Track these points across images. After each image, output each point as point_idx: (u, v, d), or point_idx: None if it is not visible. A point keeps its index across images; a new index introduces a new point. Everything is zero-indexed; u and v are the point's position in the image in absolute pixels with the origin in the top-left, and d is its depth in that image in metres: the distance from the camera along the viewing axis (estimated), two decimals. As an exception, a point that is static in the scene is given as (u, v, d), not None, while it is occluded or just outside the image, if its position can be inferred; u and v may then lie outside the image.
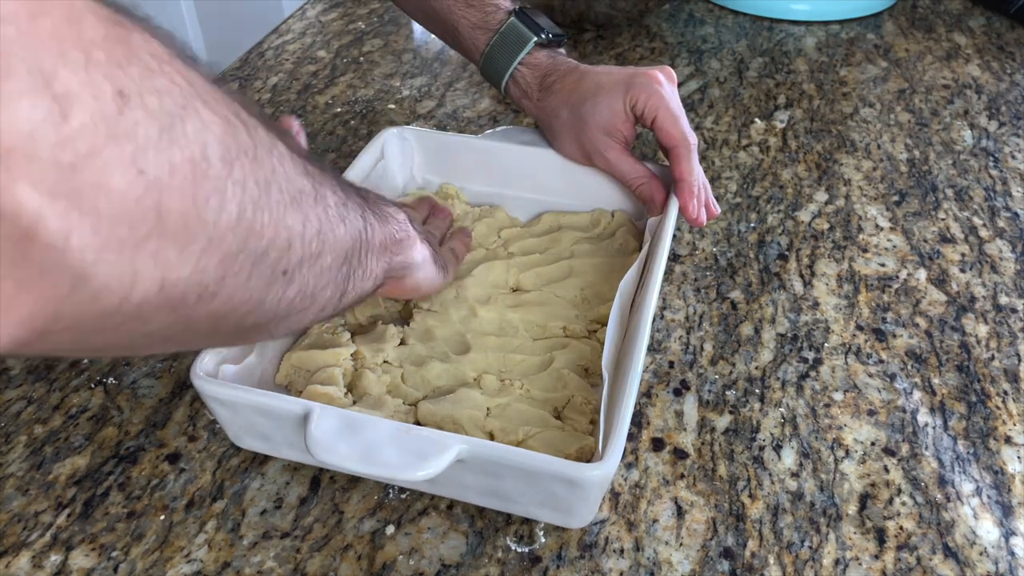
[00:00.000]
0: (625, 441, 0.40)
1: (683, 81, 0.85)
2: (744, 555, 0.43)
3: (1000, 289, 0.59)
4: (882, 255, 0.62)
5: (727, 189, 0.69)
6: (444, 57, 0.90)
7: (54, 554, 0.43)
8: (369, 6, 1.01)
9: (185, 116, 0.24)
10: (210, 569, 0.42)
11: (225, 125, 0.26)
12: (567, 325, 0.53)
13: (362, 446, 0.39)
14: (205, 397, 0.43)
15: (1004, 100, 0.82)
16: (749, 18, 0.97)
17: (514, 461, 0.39)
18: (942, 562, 0.43)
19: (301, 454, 0.45)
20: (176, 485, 0.46)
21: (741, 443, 0.48)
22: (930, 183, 0.70)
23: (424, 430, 0.40)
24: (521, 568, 0.42)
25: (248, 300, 0.29)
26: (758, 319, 0.57)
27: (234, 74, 0.87)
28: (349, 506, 0.45)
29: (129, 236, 0.23)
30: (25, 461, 0.47)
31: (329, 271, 0.34)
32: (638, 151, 0.73)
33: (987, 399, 0.51)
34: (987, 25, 0.96)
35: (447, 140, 0.64)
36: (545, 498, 0.41)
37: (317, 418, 0.40)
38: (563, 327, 0.52)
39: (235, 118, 0.27)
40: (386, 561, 0.43)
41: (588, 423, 0.46)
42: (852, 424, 0.50)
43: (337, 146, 0.74)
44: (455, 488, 0.43)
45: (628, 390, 0.42)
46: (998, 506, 0.45)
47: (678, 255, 0.62)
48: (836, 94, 0.83)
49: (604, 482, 0.40)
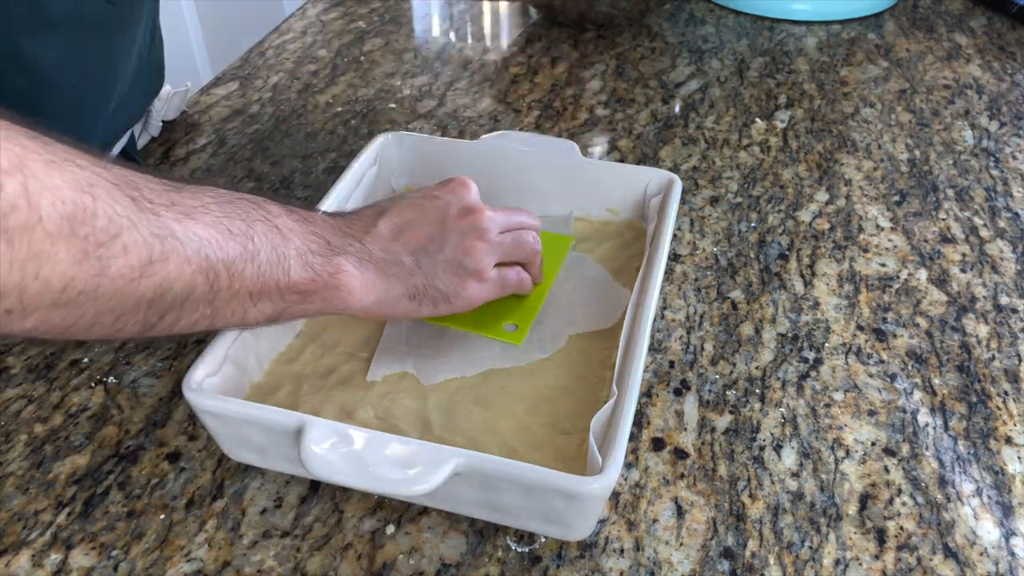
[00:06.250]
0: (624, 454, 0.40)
1: (684, 81, 0.85)
2: (744, 555, 0.43)
3: (1001, 289, 0.59)
4: (883, 255, 0.62)
5: (728, 189, 0.69)
6: (445, 56, 0.90)
7: (54, 553, 0.43)
8: (370, 5, 1.01)
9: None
10: (210, 568, 0.42)
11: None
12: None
13: (358, 460, 0.39)
14: (198, 410, 0.43)
15: (1005, 100, 0.82)
16: (750, 18, 0.97)
17: (512, 475, 0.39)
18: (942, 562, 0.43)
19: (296, 467, 0.44)
20: (176, 484, 0.46)
21: (741, 443, 0.48)
22: (931, 183, 0.70)
23: (421, 443, 0.40)
24: (521, 568, 0.42)
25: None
26: (758, 319, 0.57)
27: (234, 73, 0.87)
28: (349, 505, 0.45)
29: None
30: (25, 460, 0.47)
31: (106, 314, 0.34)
32: (638, 151, 0.74)
33: (987, 399, 0.51)
34: (988, 25, 0.96)
35: (443, 144, 0.64)
36: (543, 512, 0.40)
37: (311, 432, 0.40)
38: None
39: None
40: (386, 560, 0.43)
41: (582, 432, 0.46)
42: (852, 424, 0.50)
43: (338, 145, 0.74)
44: (453, 501, 0.43)
45: (628, 401, 0.42)
46: (998, 506, 0.45)
47: (678, 255, 0.62)
48: (837, 94, 0.83)
49: (603, 495, 0.40)
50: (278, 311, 0.41)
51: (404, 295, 0.45)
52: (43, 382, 0.52)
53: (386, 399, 0.48)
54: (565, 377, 0.50)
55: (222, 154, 0.74)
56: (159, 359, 0.54)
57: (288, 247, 0.40)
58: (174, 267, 0.35)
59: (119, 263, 0.33)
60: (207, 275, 0.36)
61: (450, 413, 0.47)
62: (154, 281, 0.34)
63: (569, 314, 0.54)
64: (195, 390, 0.43)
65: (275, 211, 0.41)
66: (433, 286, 0.46)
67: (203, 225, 0.36)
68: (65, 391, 0.51)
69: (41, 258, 0.30)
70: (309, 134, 0.76)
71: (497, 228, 0.48)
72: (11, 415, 0.50)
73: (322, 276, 0.41)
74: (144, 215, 0.34)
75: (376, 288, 0.43)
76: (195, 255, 0.35)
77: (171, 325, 0.37)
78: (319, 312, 0.43)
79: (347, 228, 0.45)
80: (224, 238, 0.37)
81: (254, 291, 0.39)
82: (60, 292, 0.31)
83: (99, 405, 0.51)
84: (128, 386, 0.52)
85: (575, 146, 0.62)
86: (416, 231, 0.46)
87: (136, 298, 0.34)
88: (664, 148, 0.74)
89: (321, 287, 0.41)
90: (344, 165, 0.61)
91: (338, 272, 0.42)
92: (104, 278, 0.32)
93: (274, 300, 0.40)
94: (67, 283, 0.31)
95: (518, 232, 0.50)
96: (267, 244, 0.39)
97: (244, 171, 0.71)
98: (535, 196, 0.62)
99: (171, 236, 0.35)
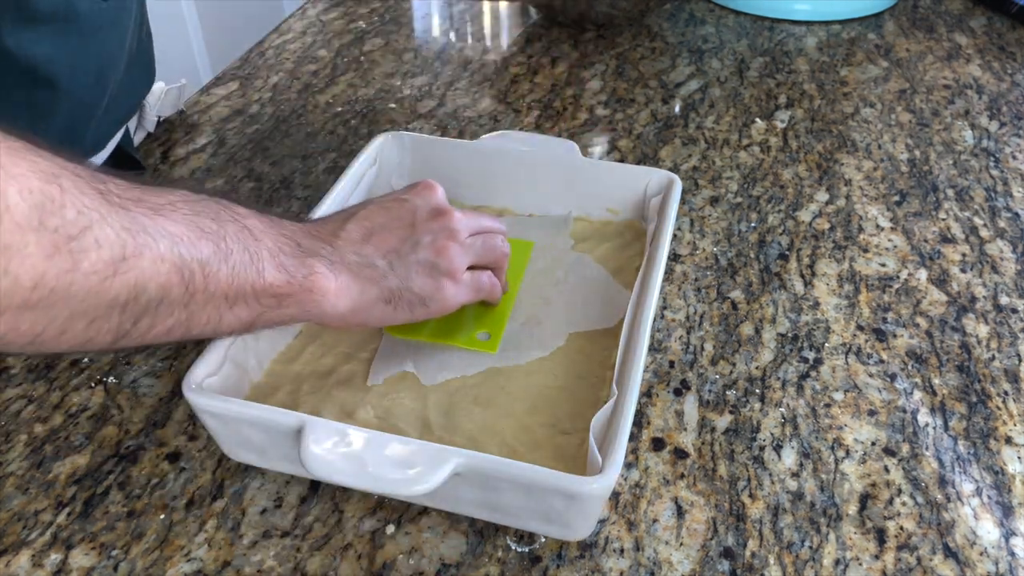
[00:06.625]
0: (624, 454, 0.40)
1: (683, 81, 0.85)
2: (744, 555, 0.43)
3: (1001, 289, 0.59)
4: (883, 255, 0.62)
5: (728, 189, 0.69)
6: (445, 56, 0.90)
7: (54, 553, 0.43)
8: (370, 5, 1.01)
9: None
10: (210, 568, 0.42)
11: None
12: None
13: (358, 460, 0.38)
14: (198, 410, 0.43)
15: (1005, 100, 0.82)
16: (750, 18, 0.97)
17: (512, 475, 0.39)
18: (942, 562, 0.43)
19: (296, 467, 0.44)
20: (176, 484, 0.46)
21: (741, 443, 0.48)
22: (931, 183, 0.70)
23: (421, 443, 0.40)
24: (521, 568, 0.42)
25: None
26: (758, 319, 0.57)
27: (234, 73, 0.87)
28: (349, 505, 0.45)
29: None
30: (25, 460, 0.47)
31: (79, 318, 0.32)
32: (638, 151, 0.74)
33: (987, 399, 0.51)
34: (988, 25, 0.96)
35: (443, 144, 0.64)
36: (543, 512, 0.40)
37: (311, 432, 0.40)
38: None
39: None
40: (386, 560, 0.43)
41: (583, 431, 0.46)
42: (852, 424, 0.50)
43: (338, 145, 0.74)
44: (453, 501, 0.43)
45: (628, 401, 0.42)
46: (998, 506, 0.45)
47: (678, 255, 0.62)
48: (837, 94, 0.83)
49: (603, 495, 0.40)
50: (253, 316, 0.39)
51: (379, 299, 0.44)
52: (43, 382, 0.52)
53: (386, 399, 0.48)
54: (565, 377, 0.50)
55: (222, 154, 0.74)
56: (159, 359, 0.54)
57: (260, 248, 0.39)
58: (148, 264, 0.33)
59: (91, 258, 0.31)
60: (182, 274, 0.35)
61: (450, 413, 0.47)
62: (128, 280, 0.32)
63: (569, 314, 0.54)
64: (195, 390, 0.43)
65: (243, 212, 0.39)
66: (408, 289, 0.45)
67: (173, 222, 0.35)
68: (65, 391, 0.51)
69: (11, 251, 0.28)
70: (309, 134, 0.76)
71: (467, 230, 0.48)
72: (11, 415, 0.50)
73: (296, 278, 0.40)
74: (113, 208, 0.32)
75: (351, 292, 0.42)
76: (168, 252, 0.34)
77: (144, 332, 0.35)
78: (295, 318, 0.42)
79: (315, 232, 0.44)
80: (196, 236, 0.35)
81: (229, 293, 0.37)
82: (31, 290, 0.30)
83: (99, 405, 0.51)
84: (128, 386, 0.52)
85: (575, 146, 0.62)
86: (386, 234, 0.45)
87: (110, 299, 0.32)
88: (664, 148, 0.74)
89: (296, 289, 0.40)
90: (344, 165, 0.61)
91: (311, 274, 0.41)
92: (77, 274, 0.31)
93: (249, 304, 0.39)
94: (38, 280, 0.29)
95: (487, 235, 0.50)
96: (239, 244, 0.38)
97: (244, 171, 0.71)
98: (535, 196, 0.62)
99: (143, 231, 0.33)
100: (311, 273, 0.41)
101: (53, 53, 0.54)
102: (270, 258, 0.39)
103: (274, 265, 0.39)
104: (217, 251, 0.36)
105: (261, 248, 0.39)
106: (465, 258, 0.47)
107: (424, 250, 0.46)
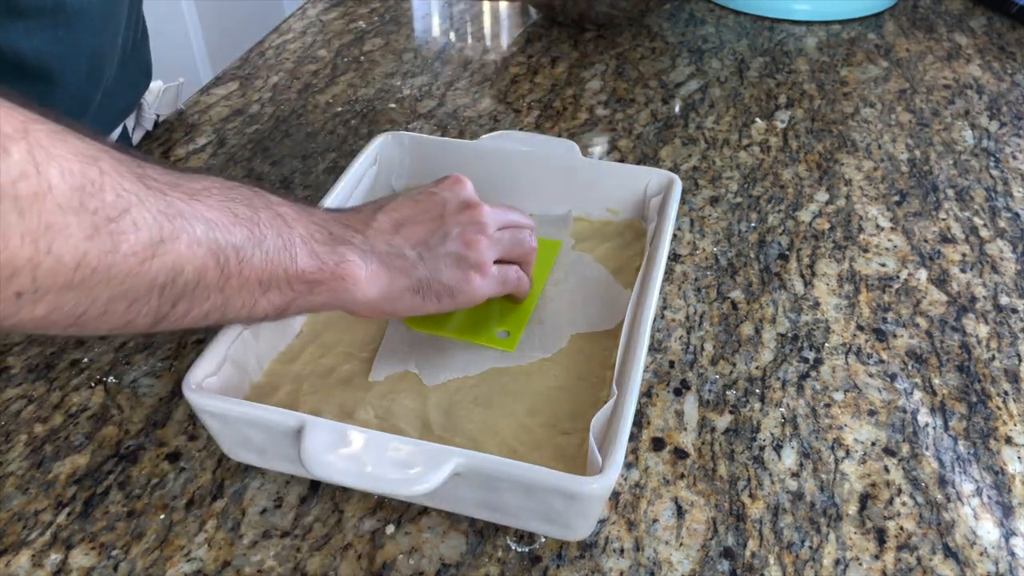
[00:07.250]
0: (624, 454, 0.40)
1: (683, 81, 0.85)
2: (744, 555, 0.43)
3: (1001, 289, 0.59)
4: (883, 255, 0.62)
5: (728, 189, 0.69)
6: (445, 56, 0.90)
7: (54, 553, 0.43)
8: (370, 5, 1.01)
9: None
10: (210, 568, 0.42)
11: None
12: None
13: (358, 460, 0.38)
14: (198, 410, 0.43)
15: (1005, 100, 0.82)
16: (750, 18, 0.97)
17: (512, 475, 0.39)
18: (942, 562, 0.43)
19: (296, 467, 0.44)
20: (176, 484, 0.46)
21: (741, 443, 0.48)
22: (931, 183, 0.70)
23: (421, 443, 0.40)
24: (521, 568, 0.42)
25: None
26: (758, 319, 0.57)
27: (234, 73, 0.87)
28: (349, 505, 0.45)
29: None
30: (25, 460, 0.47)
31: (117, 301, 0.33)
32: (638, 151, 0.74)
33: (987, 399, 0.51)
34: (988, 25, 0.96)
35: (443, 144, 0.64)
36: (543, 512, 0.40)
37: (311, 432, 0.40)
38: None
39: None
40: (386, 560, 0.43)
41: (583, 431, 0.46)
42: (852, 424, 0.50)
43: (338, 145, 0.74)
44: (453, 501, 0.43)
45: (628, 401, 0.42)
46: (998, 506, 0.45)
47: (678, 255, 0.62)
48: (837, 94, 0.83)
49: (603, 495, 0.40)
50: (286, 302, 0.40)
51: (408, 288, 0.44)
52: (43, 382, 0.52)
53: (386, 399, 0.48)
54: (565, 377, 0.50)
55: (222, 154, 0.74)
56: (159, 359, 0.54)
57: (293, 235, 0.39)
58: (185, 247, 0.34)
59: (130, 240, 0.32)
60: (217, 258, 0.35)
61: (450, 413, 0.47)
62: (166, 262, 0.33)
63: (569, 314, 0.54)
64: (195, 390, 0.43)
65: (275, 199, 0.40)
66: (437, 279, 0.45)
67: (208, 207, 0.35)
68: (65, 391, 0.51)
69: (53, 230, 0.29)
70: (309, 134, 0.76)
71: (495, 224, 0.48)
72: (11, 415, 0.50)
73: (328, 265, 0.41)
74: (151, 192, 0.33)
75: (380, 280, 0.43)
76: (204, 237, 0.35)
77: (182, 316, 0.36)
78: (325, 305, 0.42)
79: (347, 221, 0.44)
80: (231, 221, 0.36)
81: (263, 278, 0.38)
82: (73, 270, 0.30)
83: (99, 405, 0.51)
84: (128, 386, 0.52)
85: (575, 146, 0.62)
86: (416, 226, 0.46)
87: (149, 280, 0.33)
88: (664, 148, 0.74)
89: (327, 276, 0.41)
90: (344, 165, 0.61)
91: (343, 261, 0.41)
92: (116, 255, 0.31)
93: (282, 289, 0.39)
94: (80, 259, 0.30)
95: (516, 229, 0.50)
96: (272, 231, 0.38)
97: (244, 171, 0.71)
98: (535, 196, 0.62)
99: (179, 215, 0.34)
100: (342, 261, 0.41)
101: (42, 46, 0.54)
102: (303, 245, 0.40)
103: (307, 252, 0.40)
104: (251, 236, 0.37)
105: (294, 235, 0.39)
106: (493, 251, 0.47)
107: (453, 242, 0.46)
